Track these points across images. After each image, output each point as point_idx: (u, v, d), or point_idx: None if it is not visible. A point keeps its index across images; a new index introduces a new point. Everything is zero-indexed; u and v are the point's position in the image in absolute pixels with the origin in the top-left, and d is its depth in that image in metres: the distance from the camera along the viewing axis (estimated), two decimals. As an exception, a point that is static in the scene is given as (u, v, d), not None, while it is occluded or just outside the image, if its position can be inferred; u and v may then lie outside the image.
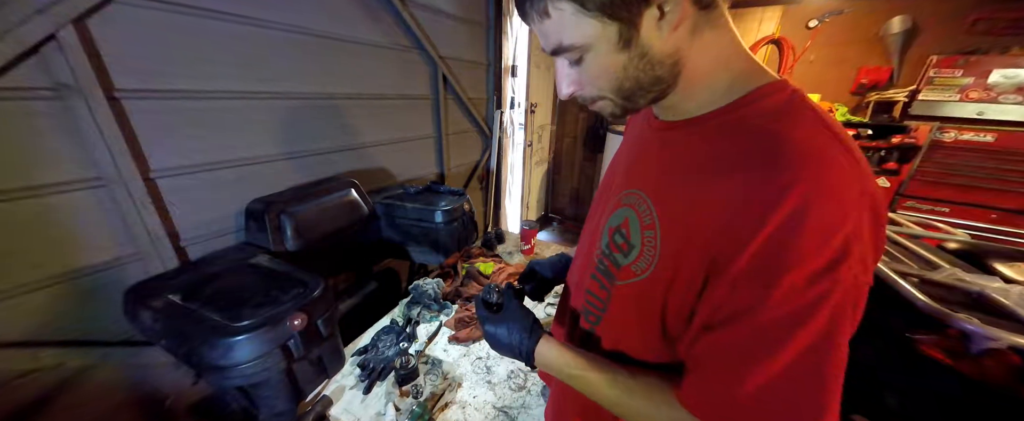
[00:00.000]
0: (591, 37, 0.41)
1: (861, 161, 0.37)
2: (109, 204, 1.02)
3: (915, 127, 2.51)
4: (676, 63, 0.42)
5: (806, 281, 0.34)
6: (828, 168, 0.35)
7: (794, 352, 0.36)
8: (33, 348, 0.94)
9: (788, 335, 0.36)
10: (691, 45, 0.42)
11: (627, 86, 0.44)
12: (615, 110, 0.49)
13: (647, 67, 0.42)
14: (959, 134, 2.33)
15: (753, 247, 0.36)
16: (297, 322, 0.87)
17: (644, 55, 0.41)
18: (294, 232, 1.25)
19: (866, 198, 0.35)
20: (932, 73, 2.52)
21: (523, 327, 0.60)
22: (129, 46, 0.98)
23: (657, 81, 0.43)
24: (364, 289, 1.63)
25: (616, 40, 0.40)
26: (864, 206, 0.35)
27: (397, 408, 1.01)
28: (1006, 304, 0.90)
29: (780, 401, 0.37)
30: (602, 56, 0.42)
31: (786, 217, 0.34)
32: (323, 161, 1.59)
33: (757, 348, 0.37)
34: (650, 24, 0.39)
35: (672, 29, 0.39)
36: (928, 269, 1.10)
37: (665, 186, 0.48)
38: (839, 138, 0.37)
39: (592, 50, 0.42)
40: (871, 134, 2.62)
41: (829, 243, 0.34)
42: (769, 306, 0.36)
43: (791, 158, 0.36)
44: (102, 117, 0.94)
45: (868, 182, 0.36)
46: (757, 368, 0.37)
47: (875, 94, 2.76)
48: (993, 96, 2.39)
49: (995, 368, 0.86)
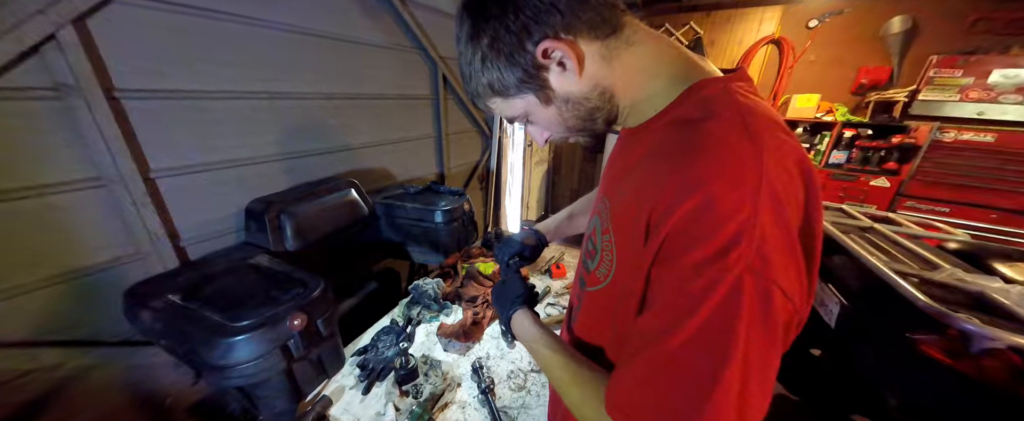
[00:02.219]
0: (522, 108, 0.50)
1: (765, 153, 0.36)
2: (109, 204, 1.01)
3: (915, 127, 2.51)
4: (603, 91, 0.46)
5: (694, 269, 0.35)
6: (729, 161, 0.36)
7: (678, 342, 0.35)
8: (33, 348, 0.94)
9: (675, 324, 0.35)
10: (611, 71, 0.45)
11: (573, 124, 0.50)
12: (583, 140, 0.55)
13: (577, 106, 0.47)
14: (959, 134, 2.33)
15: (662, 235, 0.37)
16: (297, 322, 0.87)
17: (568, 100, 0.47)
18: (294, 232, 1.25)
19: (765, 189, 0.34)
20: (932, 73, 2.52)
21: (513, 296, 0.70)
22: (129, 46, 0.98)
23: (595, 111, 0.48)
24: (364, 289, 1.63)
25: (541, 102, 0.48)
26: (762, 198, 0.34)
27: (397, 408, 1.01)
28: (1006, 304, 0.90)
29: (654, 394, 0.36)
30: (540, 114, 0.50)
31: (689, 208, 0.35)
32: (323, 161, 1.59)
33: (651, 338, 0.37)
34: (557, 79, 0.45)
35: (578, 73, 0.44)
36: (928, 269, 1.10)
37: (617, 187, 0.50)
38: (750, 131, 0.37)
39: (531, 113, 0.51)
40: (871, 134, 2.62)
41: (719, 232, 0.33)
42: (666, 294, 0.37)
43: (701, 151, 0.37)
44: (102, 117, 0.94)
45: (769, 173, 0.35)
46: (644, 358, 0.38)
47: (875, 94, 2.76)
48: (993, 96, 2.39)
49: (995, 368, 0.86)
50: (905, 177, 2.48)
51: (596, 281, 0.52)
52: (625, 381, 0.40)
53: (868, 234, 1.39)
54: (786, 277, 0.34)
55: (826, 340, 1.66)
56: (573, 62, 0.43)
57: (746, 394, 0.34)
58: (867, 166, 2.63)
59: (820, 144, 2.76)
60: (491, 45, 0.44)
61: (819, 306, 1.42)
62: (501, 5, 0.42)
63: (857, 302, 1.22)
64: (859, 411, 1.66)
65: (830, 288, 1.35)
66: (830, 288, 1.35)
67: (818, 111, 2.82)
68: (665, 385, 0.36)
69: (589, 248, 0.55)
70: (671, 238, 0.37)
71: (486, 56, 0.45)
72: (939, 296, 0.94)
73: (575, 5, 0.42)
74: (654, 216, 0.39)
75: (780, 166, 0.36)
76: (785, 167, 0.36)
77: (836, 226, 1.37)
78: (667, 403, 0.36)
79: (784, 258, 0.34)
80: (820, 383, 1.75)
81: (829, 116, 2.79)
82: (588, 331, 0.59)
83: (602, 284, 0.50)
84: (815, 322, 1.44)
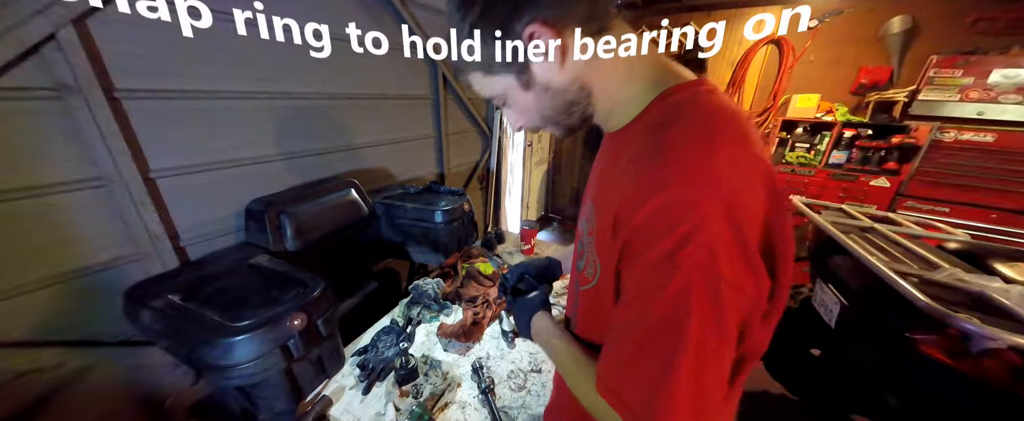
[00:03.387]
0: (502, 88, 0.50)
1: (722, 157, 0.37)
2: (109, 204, 1.02)
3: (915, 127, 2.51)
4: (581, 87, 0.48)
5: (651, 266, 0.38)
6: (688, 165, 0.38)
7: (641, 332, 0.40)
8: (33, 348, 0.94)
9: (639, 317, 0.40)
10: (592, 68, 0.47)
11: (549, 114, 0.51)
12: (557, 132, 0.56)
13: (555, 97, 0.49)
14: (959, 134, 2.33)
15: (626, 234, 0.40)
16: (297, 322, 0.87)
17: (548, 89, 0.48)
18: (294, 232, 1.25)
19: (719, 192, 0.36)
20: (932, 73, 2.51)
21: (534, 304, 0.75)
22: (129, 46, 0.98)
23: (572, 104, 0.50)
24: (364, 289, 1.63)
25: (520, 85, 0.48)
26: (715, 200, 0.36)
27: (397, 408, 1.01)
28: (1006, 304, 0.90)
29: (628, 377, 0.41)
30: (517, 98, 0.51)
31: (649, 210, 0.38)
32: (323, 161, 1.59)
33: (623, 328, 0.43)
34: (540, 65, 0.46)
35: (560, 63, 0.45)
36: (928, 269, 1.10)
37: (600, 190, 0.52)
38: (709, 136, 0.39)
39: (509, 96, 0.51)
40: (871, 134, 2.62)
41: (674, 231, 0.36)
42: (631, 289, 0.41)
43: (664, 155, 0.39)
44: (102, 117, 0.94)
45: (724, 176, 0.37)
46: (620, 346, 0.43)
47: (875, 94, 2.76)
48: (993, 96, 2.39)
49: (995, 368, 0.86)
50: (905, 177, 2.48)
51: (586, 280, 0.54)
52: (608, 366, 0.45)
53: (868, 234, 1.39)
54: (736, 273, 0.36)
55: (826, 340, 1.66)
56: (558, 52, 0.44)
57: (702, 376, 0.37)
58: (867, 166, 2.63)
59: (820, 144, 2.76)
60: (482, 14, 0.44)
61: (819, 306, 1.42)
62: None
63: (857, 302, 1.22)
64: (859, 411, 1.66)
65: (830, 288, 1.35)
66: (830, 288, 1.35)
67: (818, 111, 2.82)
68: (635, 369, 0.41)
69: (579, 250, 0.58)
70: (633, 237, 0.40)
71: (474, 25, 0.45)
72: (939, 296, 0.94)
73: (569, 2, 0.43)
74: (619, 216, 0.42)
75: (736, 169, 0.38)
76: (742, 169, 0.38)
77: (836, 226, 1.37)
78: (637, 385, 0.40)
79: (735, 257, 0.36)
80: (820, 383, 1.75)
81: (829, 116, 2.79)
82: (586, 329, 0.60)
83: (591, 283, 0.52)
84: (815, 322, 1.44)
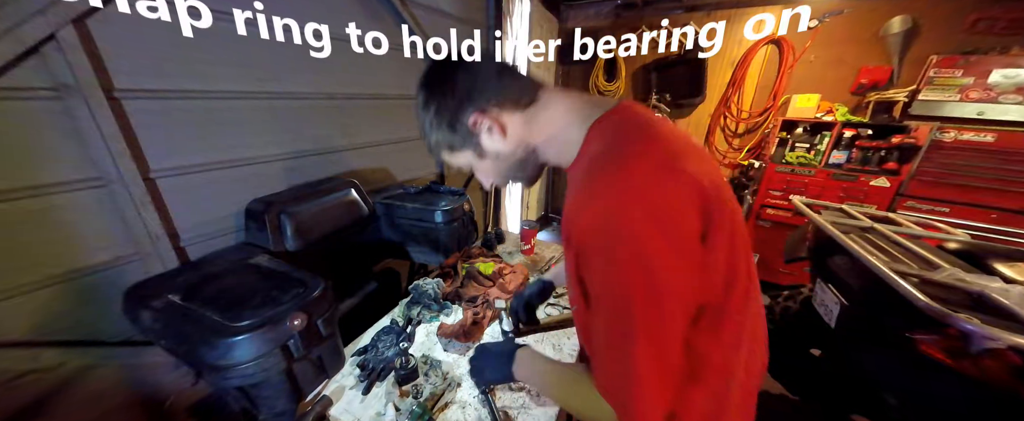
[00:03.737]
0: (465, 160, 0.62)
1: (638, 169, 0.44)
2: (109, 204, 1.02)
3: (915, 127, 2.50)
4: (525, 147, 0.59)
5: (596, 272, 0.45)
6: (612, 176, 0.45)
7: (603, 331, 0.47)
8: (33, 348, 0.94)
9: (600, 317, 0.47)
10: (532, 130, 0.57)
11: (506, 173, 0.63)
12: (521, 184, 0.68)
13: (506, 159, 0.60)
14: (959, 134, 2.32)
15: (574, 247, 0.47)
16: (297, 322, 0.87)
17: (498, 155, 0.59)
18: (294, 232, 1.25)
19: (639, 196, 0.42)
20: (932, 73, 2.51)
21: (501, 352, 0.81)
22: (129, 46, 0.98)
23: (523, 162, 0.61)
24: (364, 289, 1.63)
25: (477, 157, 0.60)
26: (635, 203, 0.42)
27: (397, 408, 1.00)
28: (1006, 304, 0.89)
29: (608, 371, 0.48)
30: (478, 166, 0.63)
31: (585, 219, 0.45)
32: (323, 161, 1.59)
33: (594, 331, 0.49)
34: (487, 141, 0.57)
35: (502, 137, 0.56)
36: (928, 269, 1.10)
37: (562, 218, 0.58)
38: (626, 152, 0.47)
39: (472, 165, 0.63)
40: (871, 134, 2.61)
41: (606, 234, 0.43)
42: (589, 295, 0.48)
43: (594, 175, 0.47)
44: (102, 117, 0.94)
45: (639, 182, 0.43)
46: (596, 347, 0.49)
47: (875, 94, 2.75)
48: (993, 96, 2.38)
49: (995, 368, 0.86)
50: (905, 177, 2.47)
51: (572, 302, 0.60)
52: (595, 367, 0.51)
53: (868, 234, 1.39)
54: (665, 261, 0.42)
55: (826, 340, 1.66)
56: (497, 130, 0.56)
57: (662, 358, 0.43)
58: (867, 166, 2.63)
59: (820, 144, 2.76)
60: (437, 113, 0.57)
61: (819, 306, 1.42)
62: (442, 85, 0.56)
63: (857, 302, 1.22)
64: (859, 411, 1.66)
65: (830, 288, 1.35)
66: (830, 288, 1.35)
67: (818, 111, 2.82)
68: (610, 363, 0.47)
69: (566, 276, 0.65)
70: (579, 248, 0.47)
71: (433, 121, 0.58)
72: (939, 296, 0.93)
73: (499, 86, 0.55)
74: (569, 232, 0.49)
75: (652, 174, 0.44)
76: (659, 174, 0.44)
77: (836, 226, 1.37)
78: (615, 376, 0.47)
79: (661, 249, 0.41)
80: (820, 383, 1.75)
81: (829, 116, 2.78)
82: (586, 344, 0.64)
83: (573, 308, 0.60)
84: (815, 322, 1.44)
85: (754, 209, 2.90)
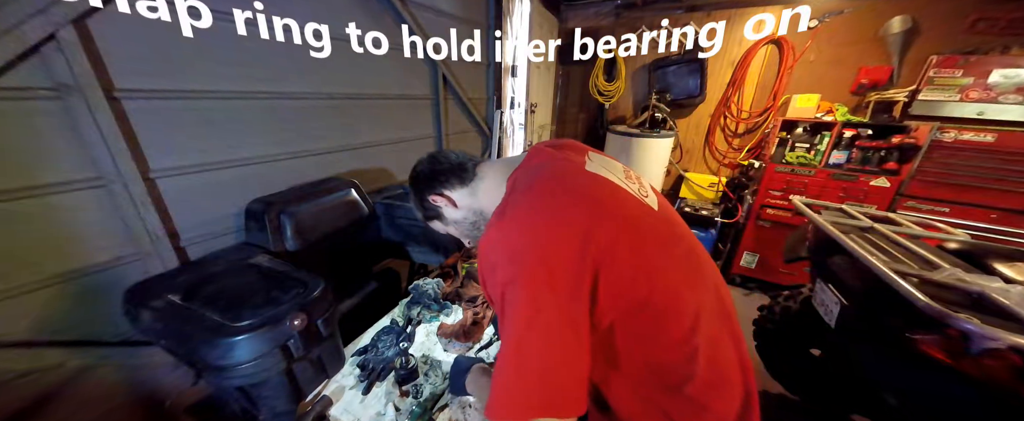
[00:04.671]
0: (440, 225, 0.83)
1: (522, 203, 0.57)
2: (109, 204, 1.02)
3: (915, 127, 2.50)
4: (474, 210, 0.76)
5: (489, 287, 0.55)
6: (502, 212, 0.57)
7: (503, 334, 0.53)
8: (33, 348, 0.94)
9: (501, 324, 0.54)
10: (475, 198, 0.75)
11: (466, 233, 0.81)
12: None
13: (462, 224, 0.78)
14: (959, 134, 2.32)
15: (483, 273, 0.57)
16: (297, 322, 0.87)
17: (457, 222, 0.79)
18: (294, 232, 1.25)
19: (524, 225, 0.53)
20: (932, 73, 2.51)
21: (459, 370, 0.94)
22: (129, 46, 0.98)
23: (475, 224, 0.77)
24: (364, 289, 1.63)
25: (444, 224, 0.81)
26: (520, 232, 0.53)
27: (397, 408, 1.00)
28: (1006, 304, 0.89)
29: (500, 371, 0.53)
30: (448, 229, 0.83)
31: (481, 248, 0.57)
32: (323, 161, 1.59)
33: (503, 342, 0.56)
34: (446, 212, 0.78)
35: (454, 208, 0.76)
36: (928, 269, 1.10)
37: None
38: (518, 191, 0.60)
39: (444, 230, 0.83)
40: (871, 134, 2.61)
41: (492, 259, 0.54)
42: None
43: (494, 220, 0.57)
44: (102, 117, 0.94)
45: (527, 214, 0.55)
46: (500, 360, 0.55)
47: (875, 94, 2.75)
48: (993, 96, 2.38)
49: (995, 368, 0.86)
50: (905, 177, 2.47)
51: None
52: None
53: (868, 234, 1.39)
54: (550, 280, 0.49)
55: (826, 340, 1.66)
56: (448, 205, 0.76)
57: (544, 359, 0.49)
58: (867, 166, 2.62)
59: (820, 144, 2.75)
60: (415, 195, 0.80)
61: (819, 306, 1.42)
62: (417, 183, 0.78)
63: (857, 302, 1.22)
64: (859, 411, 1.66)
65: (830, 288, 1.35)
66: (830, 288, 1.35)
67: (818, 111, 2.82)
68: (502, 363, 0.53)
69: None
70: (479, 269, 0.59)
71: (415, 204, 0.81)
72: (939, 296, 0.93)
73: (445, 177, 0.75)
74: (480, 273, 0.59)
75: (542, 207, 0.55)
76: (549, 215, 0.54)
77: (836, 226, 1.37)
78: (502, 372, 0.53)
79: (545, 268, 0.50)
80: (820, 383, 1.75)
81: (829, 116, 2.78)
82: None
83: None
84: (815, 322, 1.44)
85: (754, 209, 2.90)
